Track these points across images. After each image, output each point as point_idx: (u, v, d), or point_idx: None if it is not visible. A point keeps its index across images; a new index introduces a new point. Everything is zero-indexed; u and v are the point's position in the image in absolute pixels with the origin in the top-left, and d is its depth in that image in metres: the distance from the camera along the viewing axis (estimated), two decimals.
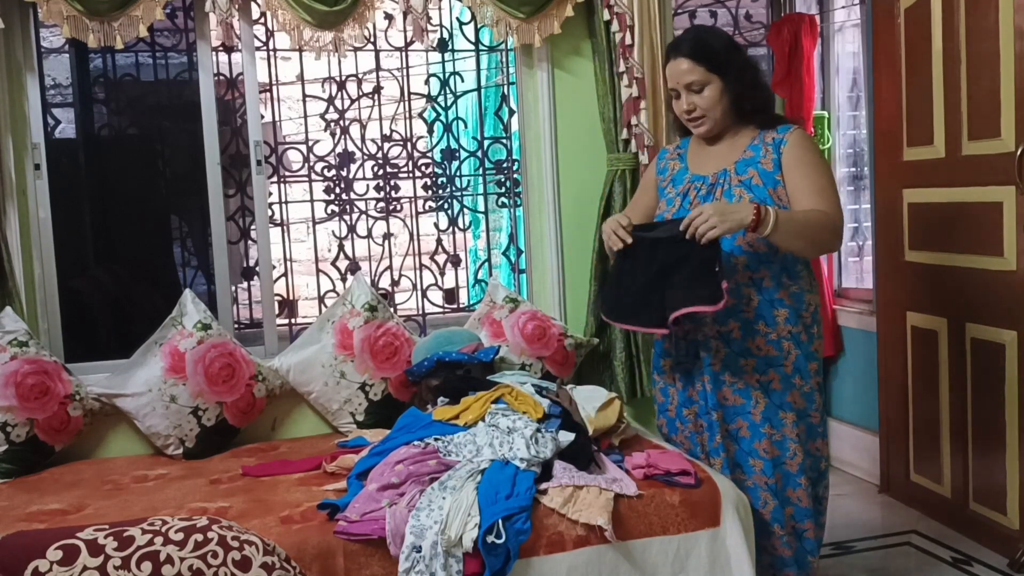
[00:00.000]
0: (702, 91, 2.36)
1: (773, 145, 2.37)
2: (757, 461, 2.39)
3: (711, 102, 2.36)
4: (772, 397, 2.38)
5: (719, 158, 2.44)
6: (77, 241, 4.05)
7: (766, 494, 2.39)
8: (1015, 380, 2.99)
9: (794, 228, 2.22)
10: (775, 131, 2.39)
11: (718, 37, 2.45)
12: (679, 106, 2.42)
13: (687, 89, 2.37)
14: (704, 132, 2.43)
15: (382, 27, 3.48)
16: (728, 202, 2.30)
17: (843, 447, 4.08)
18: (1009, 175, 2.93)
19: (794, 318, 2.37)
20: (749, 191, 2.34)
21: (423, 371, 2.90)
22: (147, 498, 2.42)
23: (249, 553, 1.80)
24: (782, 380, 2.37)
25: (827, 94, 4.17)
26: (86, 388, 2.83)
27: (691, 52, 2.35)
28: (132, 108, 4.16)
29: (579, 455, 2.29)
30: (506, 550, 2.01)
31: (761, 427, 2.37)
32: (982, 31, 3.03)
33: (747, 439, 2.40)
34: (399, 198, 3.67)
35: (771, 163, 2.36)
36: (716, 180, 2.40)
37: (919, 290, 3.45)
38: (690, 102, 2.38)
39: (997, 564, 3.03)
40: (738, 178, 2.37)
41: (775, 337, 2.36)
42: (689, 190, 2.45)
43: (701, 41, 2.38)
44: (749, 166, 2.37)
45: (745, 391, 2.38)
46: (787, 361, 2.37)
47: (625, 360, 3.24)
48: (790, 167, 2.34)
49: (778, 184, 2.34)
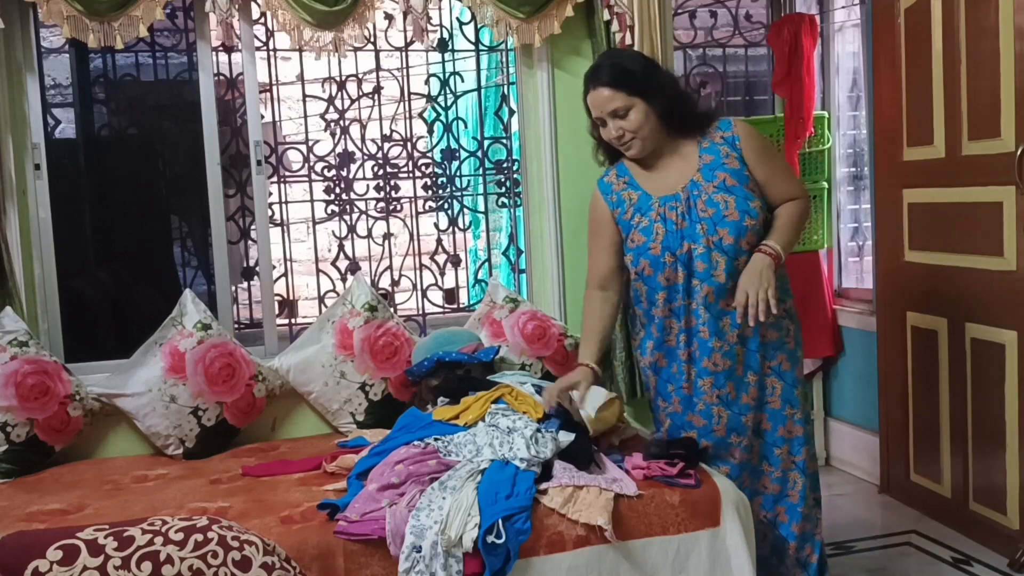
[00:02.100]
0: (627, 116, 2.38)
1: (728, 144, 2.42)
2: (783, 447, 2.47)
3: (637, 124, 2.38)
4: (785, 378, 2.46)
5: (677, 174, 2.45)
6: (77, 241, 4.04)
7: (794, 474, 2.48)
8: (1015, 380, 3.00)
9: (791, 240, 2.43)
10: (719, 130, 2.44)
11: (634, 60, 2.48)
12: (607, 133, 2.43)
13: (612, 116, 2.39)
14: (636, 153, 2.45)
15: (382, 27, 3.48)
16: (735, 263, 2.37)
17: (843, 447, 4.08)
18: (1009, 175, 2.93)
19: (783, 295, 2.46)
20: (730, 194, 2.38)
21: (423, 371, 2.90)
22: (147, 498, 2.42)
23: (249, 553, 1.80)
24: (789, 358, 2.47)
25: (827, 94, 4.17)
26: (86, 388, 2.83)
27: (611, 80, 2.37)
28: (132, 108, 4.16)
29: (579, 455, 2.29)
30: (506, 550, 2.01)
31: (783, 411, 2.47)
32: (982, 31, 3.03)
33: (769, 431, 2.48)
34: (399, 198, 3.67)
35: (736, 161, 2.41)
36: (689, 195, 2.41)
37: (919, 290, 3.45)
38: (618, 127, 2.40)
39: (997, 564, 3.03)
40: (711, 185, 2.39)
41: (773, 320, 2.41)
42: (665, 212, 2.42)
43: (618, 67, 2.40)
44: (715, 170, 2.40)
45: (759, 382, 2.45)
46: (788, 338, 2.47)
47: (625, 360, 3.24)
48: (755, 160, 2.43)
49: (748, 178, 2.42)
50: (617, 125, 2.39)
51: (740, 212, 2.35)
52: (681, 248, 2.39)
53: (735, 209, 2.36)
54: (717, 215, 2.36)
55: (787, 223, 2.42)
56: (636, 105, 2.37)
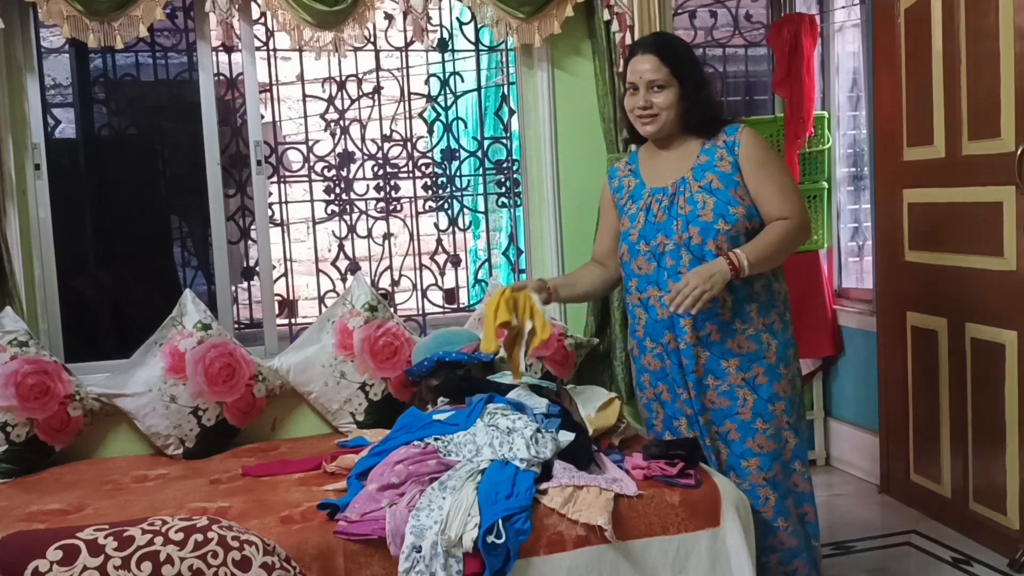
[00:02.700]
0: (661, 91, 2.40)
1: (727, 148, 2.41)
2: (752, 460, 2.40)
3: (667, 103, 2.41)
4: (760, 392, 2.39)
5: (673, 168, 2.47)
6: (77, 241, 4.04)
7: (766, 491, 2.40)
8: (1015, 380, 2.99)
9: (766, 256, 2.31)
10: (724, 134, 2.43)
11: (685, 47, 2.52)
12: (634, 101, 2.44)
13: (647, 86, 2.41)
14: (652, 132, 2.46)
15: (382, 27, 3.48)
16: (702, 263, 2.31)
17: (843, 447, 4.08)
18: (1009, 175, 2.93)
19: (766, 309, 2.41)
20: (711, 195, 2.37)
21: (423, 371, 2.90)
22: (147, 498, 2.42)
23: (249, 553, 1.80)
24: (767, 372, 2.40)
25: (827, 94, 4.17)
26: (86, 388, 2.83)
27: (660, 52, 2.41)
28: (132, 108, 4.16)
29: (579, 455, 2.29)
30: (506, 550, 2.01)
31: (752, 424, 2.39)
32: (982, 31, 3.03)
33: (737, 442, 2.41)
34: (399, 198, 3.67)
35: (728, 165, 2.39)
36: (676, 190, 2.43)
37: (919, 290, 3.45)
38: (647, 99, 2.41)
39: (997, 564, 3.03)
40: (697, 184, 2.40)
41: (752, 332, 2.38)
42: (651, 203, 2.46)
43: (671, 45, 2.46)
44: (706, 171, 2.41)
45: (730, 392, 2.40)
46: (768, 353, 2.40)
47: (625, 360, 3.23)
48: (749, 170, 2.39)
49: (738, 185, 2.38)
50: (648, 97, 2.41)
51: (715, 215, 2.35)
52: (655, 240, 2.42)
53: (711, 211, 2.35)
54: (692, 214, 2.37)
55: (766, 239, 2.33)
56: (672, 86, 2.40)
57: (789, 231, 2.35)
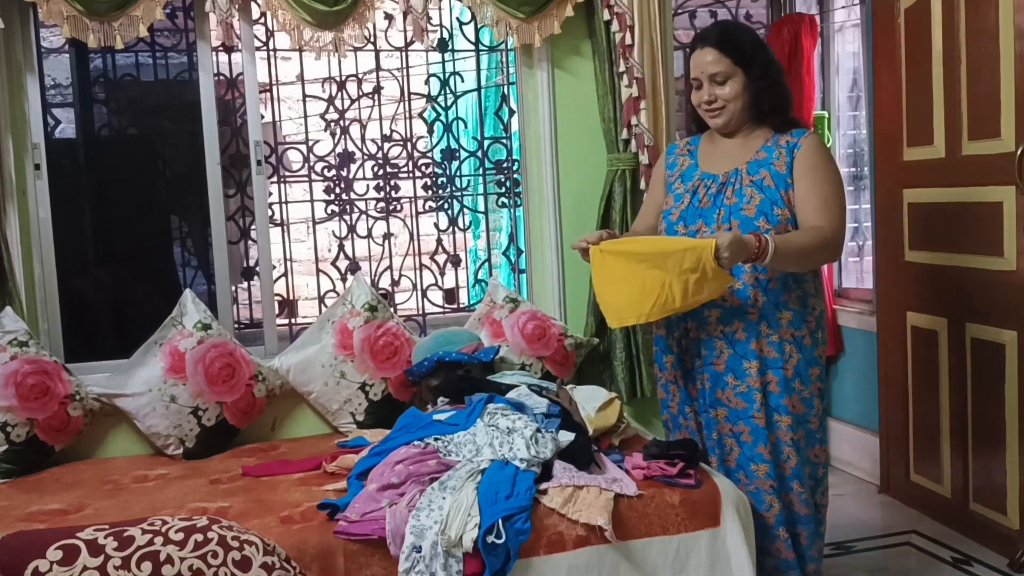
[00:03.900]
0: (725, 83, 2.36)
1: (787, 148, 2.37)
2: (761, 465, 2.37)
3: (733, 94, 2.37)
4: (770, 400, 2.37)
5: (731, 157, 2.44)
6: (77, 241, 4.04)
7: (771, 497, 2.38)
8: (1015, 380, 3.00)
9: (788, 253, 2.22)
10: (790, 134, 2.39)
11: (746, 32, 2.48)
12: (699, 96, 2.41)
13: (710, 80, 2.37)
14: (720, 125, 2.43)
15: (382, 27, 3.48)
16: (740, 233, 2.21)
17: (843, 447, 4.08)
18: (1009, 175, 2.93)
19: (798, 321, 2.37)
20: (761, 192, 2.35)
21: (423, 371, 2.90)
22: (147, 498, 2.42)
23: (249, 553, 1.80)
24: (780, 383, 2.36)
25: (827, 94, 4.18)
26: (86, 388, 2.83)
27: (719, 43, 2.36)
28: (132, 108, 4.16)
29: (579, 455, 2.29)
30: (506, 550, 2.01)
31: (765, 431, 2.37)
32: (982, 31, 3.03)
33: (749, 444, 2.38)
34: (399, 198, 3.67)
35: (784, 166, 2.36)
36: (727, 179, 2.40)
37: (919, 290, 3.45)
38: (711, 93, 2.38)
39: (997, 564, 3.03)
40: (750, 178, 2.37)
41: (776, 339, 2.35)
42: (699, 187, 2.45)
43: (729, 34, 2.40)
44: (762, 167, 2.38)
45: (748, 394, 2.37)
46: (787, 364, 2.36)
47: (625, 360, 3.24)
48: (801, 174, 2.34)
49: (789, 187, 2.34)
50: (712, 91, 2.38)
51: (759, 211, 2.33)
52: (695, 224, 2.39)
53: (755, 207, 2.33)
54: (737, 206, 2.35)
55: (794, 237, 2.27)
56: (736, 75, 2.35)
57: (817, 239, 2.28)
